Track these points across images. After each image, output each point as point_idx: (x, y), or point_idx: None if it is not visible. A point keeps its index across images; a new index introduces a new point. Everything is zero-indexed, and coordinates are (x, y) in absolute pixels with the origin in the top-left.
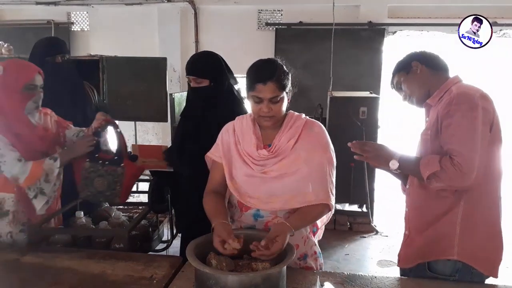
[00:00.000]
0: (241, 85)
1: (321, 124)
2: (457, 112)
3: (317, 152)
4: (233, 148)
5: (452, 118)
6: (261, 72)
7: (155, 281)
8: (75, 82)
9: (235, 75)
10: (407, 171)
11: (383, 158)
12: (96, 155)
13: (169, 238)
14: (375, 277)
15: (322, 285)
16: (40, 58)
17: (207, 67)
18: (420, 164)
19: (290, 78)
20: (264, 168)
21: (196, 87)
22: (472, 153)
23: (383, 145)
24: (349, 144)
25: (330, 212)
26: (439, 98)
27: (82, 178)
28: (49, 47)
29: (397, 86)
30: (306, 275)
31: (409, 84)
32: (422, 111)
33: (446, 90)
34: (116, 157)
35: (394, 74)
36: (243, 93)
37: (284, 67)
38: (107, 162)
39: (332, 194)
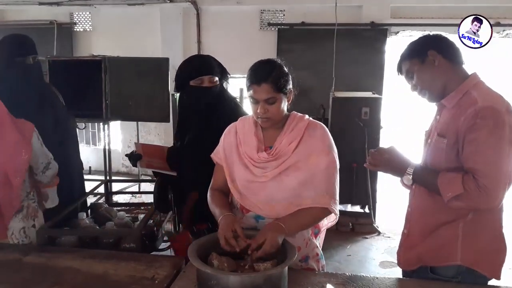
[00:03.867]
0: (243, 85)
1: (324, 125)
2: (484, 128)
3: (319, 156)
4: (234, 150)
5: (477, 133)
6: (257, 74)
7: (157, 281)
8: (43, 85)
9: (237, 76)
10: (423, 186)
11: (395, 169)
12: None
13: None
14: (377, 278)
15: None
16: (8, 57)
17: (216, 65)
18: (440, 183)
19: (289, 79)
20: (265, 171)
21: (210, 87)
22: (499, 175)
23: (394, 152)
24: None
25: (333, 215)
26: (457, 101)
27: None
28: (20, 46)
29: (407, 74)
30: (308, 276)
31: (424, 75)
32: (429, 106)
33: (465, 92)
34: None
35: (404, 59)
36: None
37: (284, 68)
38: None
39: (334, 198)
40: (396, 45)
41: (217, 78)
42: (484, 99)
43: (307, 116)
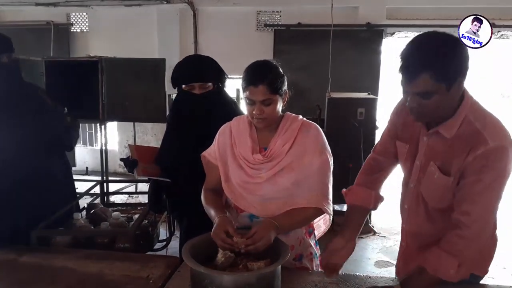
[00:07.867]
0: (239, 86)
1: (317, 126)
2: (491, 170)
3: (312, 156)
4: (229, 151)
5: (483, 175)
6: (253, 75)
7: (151, 281)
8: (24, 84)
9: (234, 76)
10: None
11: None
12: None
13: (166, 237)
14: (370, 277)
15: None
16: None
17: (210, 70)
18: (436, 271)
19: (285, 80)
20: (260, 172)
21: (203, 93)
22: (491, 218)
23: None
24: None
25: (326, 215)
26: (457, 130)
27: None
28: None
29: (423, 94)
30: (301, 275)
31: (442, 103)
32: None
33: (464, 118)
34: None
35: (425, 70)
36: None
37: (279, 69)
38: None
39: (328, 198)
40: (391, 46)
41: (210, 84)
42: (493, 137)
43: (300, 117)
